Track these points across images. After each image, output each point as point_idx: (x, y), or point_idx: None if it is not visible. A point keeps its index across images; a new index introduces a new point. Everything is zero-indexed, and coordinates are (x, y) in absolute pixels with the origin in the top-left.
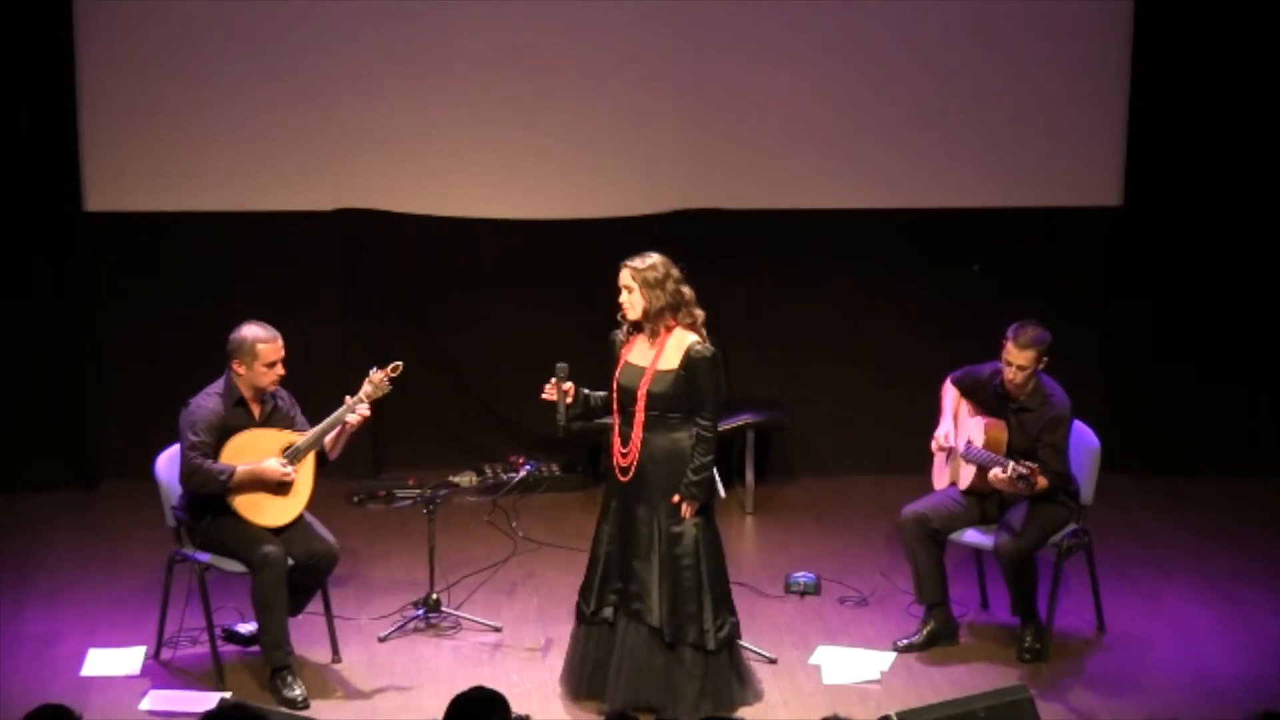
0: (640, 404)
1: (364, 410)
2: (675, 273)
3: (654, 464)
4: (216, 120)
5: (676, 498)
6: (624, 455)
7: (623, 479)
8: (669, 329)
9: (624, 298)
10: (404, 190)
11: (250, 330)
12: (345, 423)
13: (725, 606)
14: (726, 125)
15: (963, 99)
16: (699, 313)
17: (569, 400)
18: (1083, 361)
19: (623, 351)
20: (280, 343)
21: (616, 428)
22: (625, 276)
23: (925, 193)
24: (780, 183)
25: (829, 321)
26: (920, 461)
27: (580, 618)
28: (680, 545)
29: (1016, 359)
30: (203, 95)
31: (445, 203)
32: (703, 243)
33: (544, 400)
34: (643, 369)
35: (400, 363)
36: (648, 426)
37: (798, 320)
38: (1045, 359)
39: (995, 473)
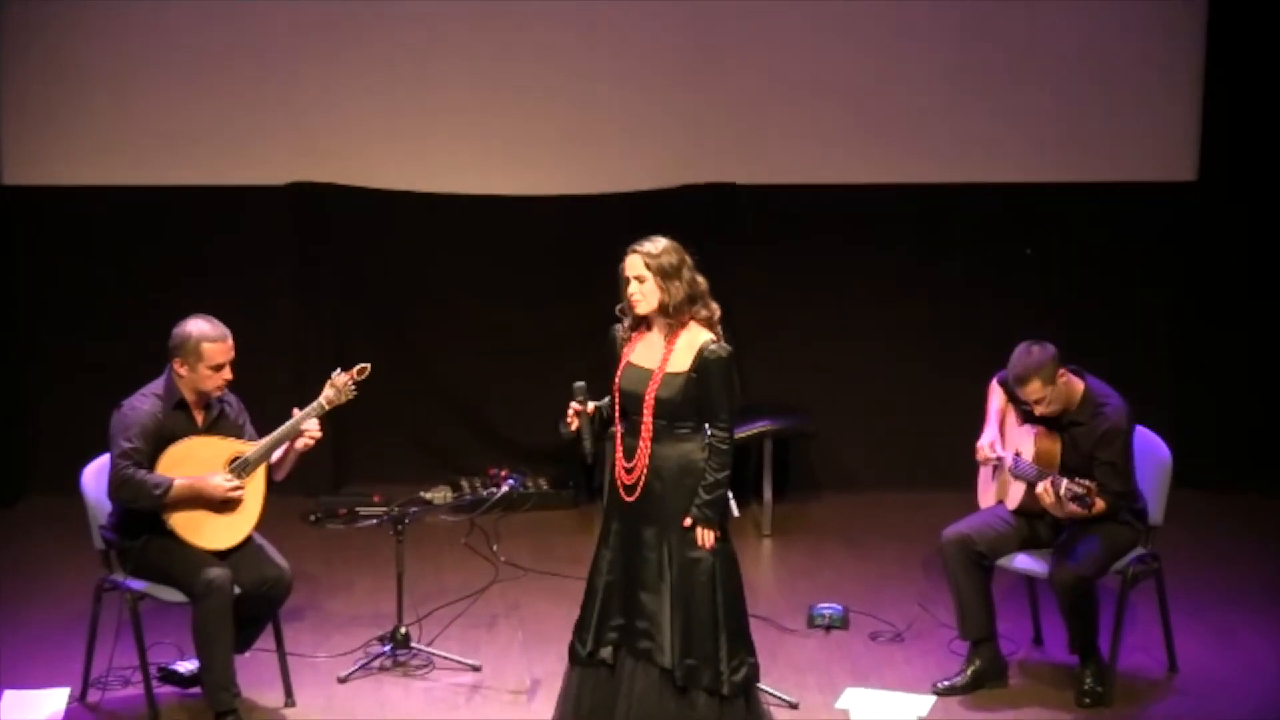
0: (648, 412)
1: (313, 431)
2: (689, 259)
3: (662, 481)
4: (152, 84)
5: (689, 520)
6: (629, 471)
7: (628, 498)
8: (683, 325)
9: (633, 289)
10: (368, 162)
11: (196, 326)
12: (293, 444)
13: (743, 645)
14: (742, 88)
15: (1013, 61)
16: (716, 306)
17: (590, 423)
18: (1150, 361)
19: (624, 350)
20: (229, 343)
21: (619, 439)
22: (635, 264)
23: (970, 166)
24: (803, 154)
25: (859, 313)
26: (964, 475)
27: (574, 658)
28: (695, 574)
29: (1027, 395)
30: (136, 55)
31: (416, 177)
32: (713, 223)
33: (570, 429)
34: (649, 371)
35: (367, 365)
36: (655, 437)
37: (823, 311)
38: (1062, 370)
39: (1043, 490)
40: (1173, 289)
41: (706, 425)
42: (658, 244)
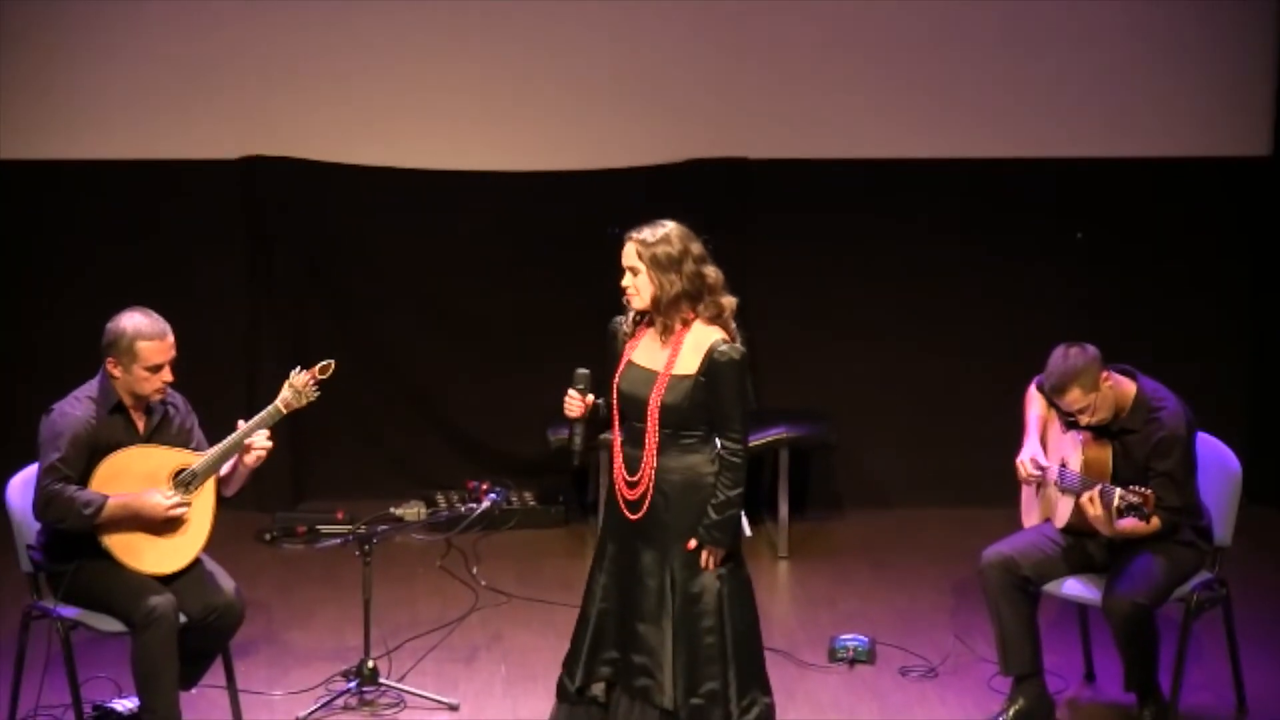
0: (652, 419)
1: (261, 443)
2: (696, 248)
3: (666, 497)
4: (81, 47)
5: (694, 542)
6: (632, 485)
7: (632, 516)
8: (686, 323)
9: (628, 280)
10: (331, 133)
11: (130, 321)
12: (241, 457)
13: (756, 683)
14: (755, 54)
15: (1065, 23)
16: (727, 301)
17: (586, 419)
18: (1219, 359)
19: (626, 348)
20: (169, 340)
21: (618, 448)
22: (629, 253)
23: (1016, 139)
24: (824, 126)
25: (887, 306)
26: (1006, 489)
27: (563, 695)
28: (700, 604)
29: (1067, 405)
30: (64, 15)
31: (386, 151)
32: (725, 202)
33: (570, 417)
34: (653, 373)
35: (330, 363)
36: (660, 448)
37: (846, 304)
38: (1106, 373)
39: (1088, 500)
40: (1245, 277)
41: (716, 436)
42: (657, 230)
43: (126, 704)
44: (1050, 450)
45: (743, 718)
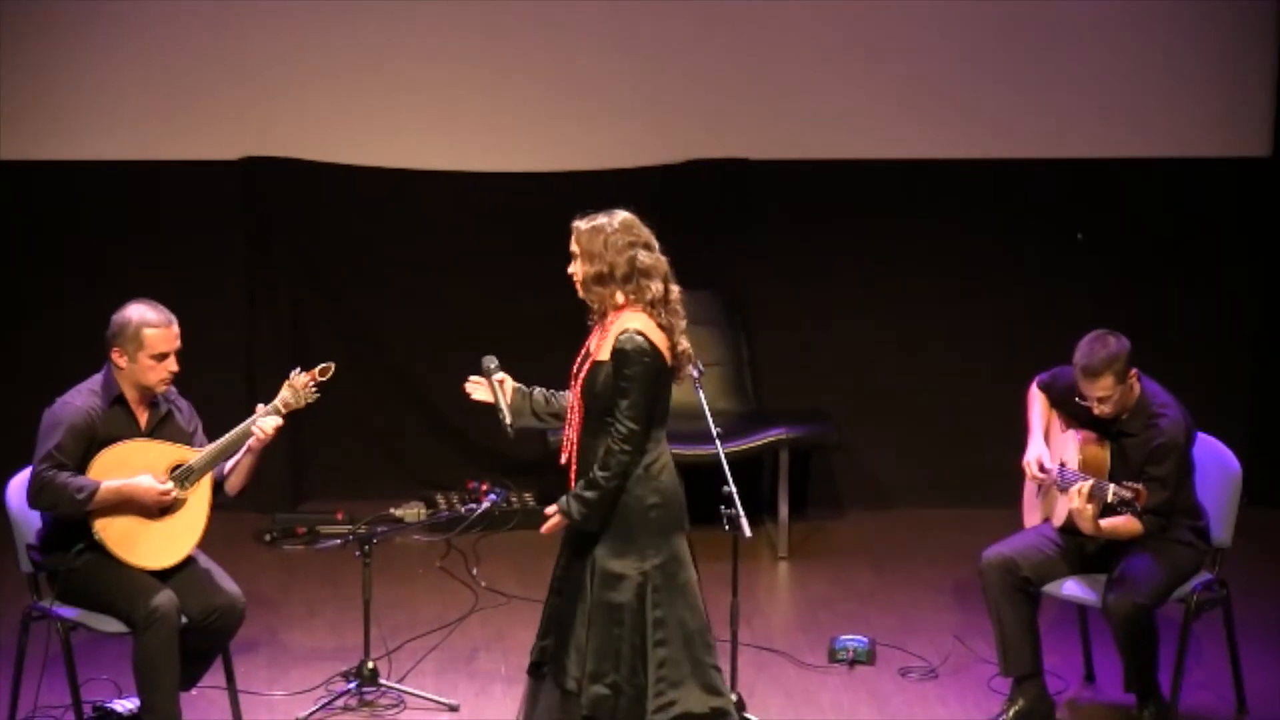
0: (575, 401)
1: (271, 423)
2: (635, 235)
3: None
4: (83, 49)
5: (553, 507)
6: (565, 467)
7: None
8: (617, 309)
9: (572, 266)
10: (330, 134)
11: (136, 311)
12: (249, 443)
13: (685, 683)
14: (755, 54)
15: (1066, 24)
16: (654, 286)
17: (508, 398)
18: (1219, 359)
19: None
20: (174, 329)
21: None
22: (572, 240)
23: (1016, 140)
24: (824, 126)
25: (887, 306)
26: (1007, 490)
27: (529, 670)
28: (614, 593)
29: (1094, 391)
30: (66, 18)
31: (384, 151)
32: (725, 202)
33: (475, 401)
34: (587, 357)
35: (330, 364)
36: (585, 432)
37: (846, 304)
38: (1134, 369)
39: (1075, 492)
40: (1245, 277)
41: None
42: (596, 218)
43: (126, 704)
44: (1051, 450)
45: (654, 715)
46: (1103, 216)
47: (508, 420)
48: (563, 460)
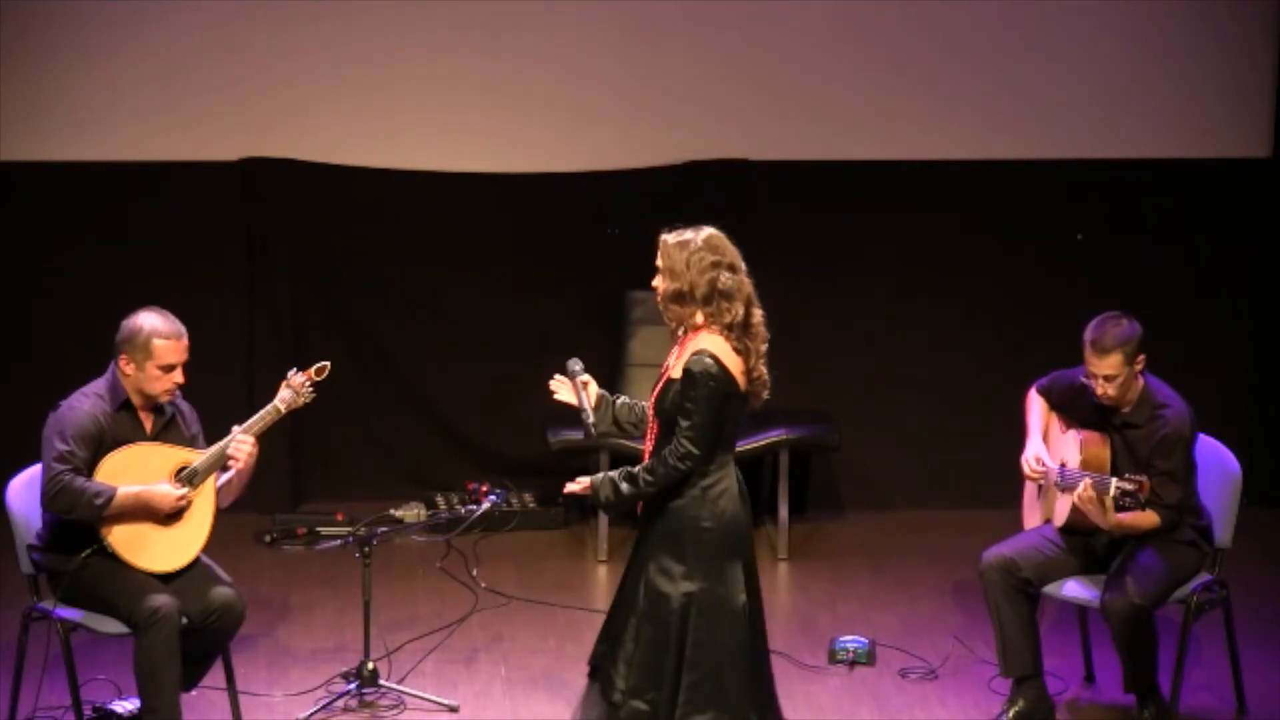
0: (650, 417)
1: (244, 448)
2: (720, 255)
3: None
4: (81, 46)
5: (580, 483)
6: None
7: (638, 510)
8: (695, 328)
9: (656, 279)
10: (329, 134)
11: (148, 320)
12: (227, 464)
13: (710, 707)
14: (755, 54)
15: (1066, 26)
16: (735, 310)
17: (591, 401)
18: (1218, 360)
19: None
20: (184, 342)
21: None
22: (659, 252)
23: (1016, 141)
24: (824, 126)
25: (889, 306)
26: (1008, 491)
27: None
28: (660, 611)
29: (1101, 368)
30: (62, 18)
31: (385, 151)
32: (725, 202)
33: (557, 402)
34: (660, 373)
35: (327, 364)
36: (659, 446)
37: (846, 305)
38: (1142, 356)
39: (1083, 489)
40: (1245, 278)
41: None
42: (683, 233)
43: (127, 705)
44: (1050, 451)
45: None
46: (1103, 216)
47: (591, 421)
48: None
